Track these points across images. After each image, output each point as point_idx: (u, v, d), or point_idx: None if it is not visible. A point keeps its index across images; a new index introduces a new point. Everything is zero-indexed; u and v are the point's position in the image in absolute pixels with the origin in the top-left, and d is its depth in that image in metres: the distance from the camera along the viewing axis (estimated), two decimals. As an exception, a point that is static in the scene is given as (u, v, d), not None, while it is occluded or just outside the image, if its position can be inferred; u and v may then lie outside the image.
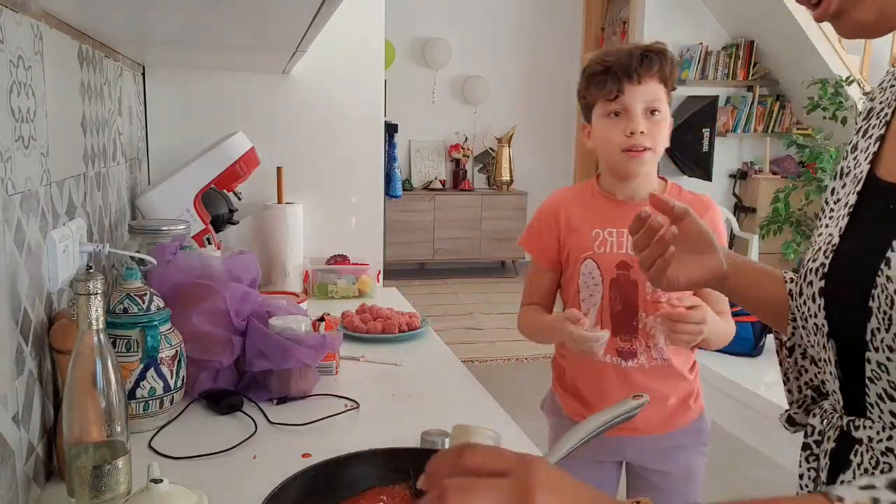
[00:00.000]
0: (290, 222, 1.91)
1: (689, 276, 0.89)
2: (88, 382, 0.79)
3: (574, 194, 1.47)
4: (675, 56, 1.32)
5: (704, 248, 0.90)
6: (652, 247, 0.88)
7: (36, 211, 0.91)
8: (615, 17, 6.77)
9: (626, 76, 1.30)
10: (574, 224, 1.38)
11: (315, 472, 0.81)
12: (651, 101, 1.32)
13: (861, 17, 0.60)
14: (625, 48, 1.33)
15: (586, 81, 1.37)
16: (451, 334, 4.64)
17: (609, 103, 1.34)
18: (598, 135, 1.38)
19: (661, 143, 1.35)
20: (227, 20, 1.11)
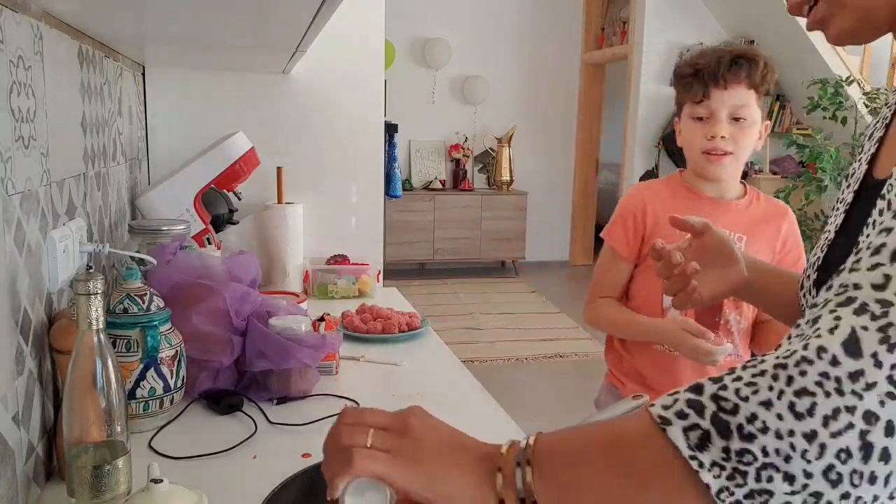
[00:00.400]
0: (290, 222, 1.91)
1: (711, 291, 0.92)
2: (88, 382, 0.79)
3: (660, 190, 1.48)
4: (768, 60, 1.34)
5: (726, 259, 0.93)
6: (674, 279, 0.92)
7: (36, 211, 0.91)
8: (615, 17, 6.77)
9: (712, 81, 1.32)
10: (661, 220, 1.39)
11: (315, 472, 0.81)
12: (736, 107, 1.34)
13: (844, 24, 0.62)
14: (715, 52, 1.35)
15: (676, 82, 1.40)
16: (451, 334, 4.64)
17: (695, 106, 1.36)
18: (684, 135, 1.41)
19: (745, 148, 1.36)
20: (227, 20, 1.11)
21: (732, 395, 0.46)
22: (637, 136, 6.19)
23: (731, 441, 0.45)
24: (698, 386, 0.49)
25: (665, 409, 0.48)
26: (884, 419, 0.42)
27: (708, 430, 0.46)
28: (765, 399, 0.45)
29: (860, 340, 0.44)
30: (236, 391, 1.20)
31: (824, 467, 0.43)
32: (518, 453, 0.53)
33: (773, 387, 0.45)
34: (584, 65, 6.96)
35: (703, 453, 0.46)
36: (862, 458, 0.42)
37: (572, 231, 7.26)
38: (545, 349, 4.49)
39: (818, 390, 0.44)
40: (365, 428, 0.58)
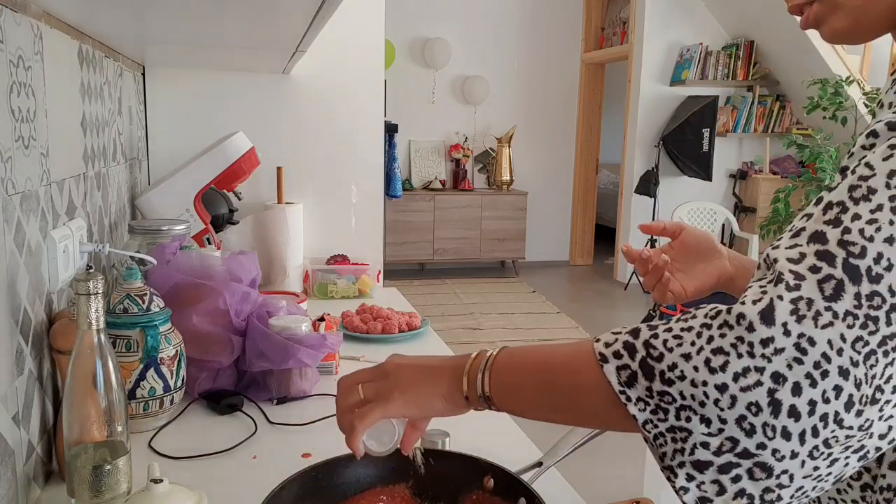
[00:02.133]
0: (290, 222, 1.91)
1: (695, 286, 0.94)
2: (88, 382, 0.79)
3: None
4: None
5: (708, 254, 0.95)
6: (649, 274, 0.95)
7: (36, 211, 0.91)
8: (615, 17, 6.78)
9: None
10: None
11: (315, 472, 0.81)
12: None
13: (837, 25, 0.63)
14: None
15: None
16: (451, 334, 4.64)
17: None
18: None
19: None
20: (227, 20, 1.11)
21: (660, 345, 0.52)
22: (637, 136, 6.20)
23: (654, 383, 0.52)
24: (636, 330, 0.55)
25: (606, 346, 0.55)
26: (791, 380, 0.47)
27: (636, 371, 0.53)
28: (686, 352, 0.51)
29: (774, 310, 0.48)
30: (236, 391, 1.20)
31: (737, 416, 0.48)
32: (483, 361, 0.65)
33: (695, 342, 0.51)
34: (584, 65, 6.96)
35: (630, 389, 0.53)
36: (771, 412, 0.47)
37: (572, 231, 7.27)
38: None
39: (732, 351, 0.49)
40: (355, 386, 0.70)
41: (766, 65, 5.99)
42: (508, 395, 0.63)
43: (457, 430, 0.97)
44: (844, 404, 0.47)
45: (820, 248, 0.49)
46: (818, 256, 0.49)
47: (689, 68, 5.93)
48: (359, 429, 0.67)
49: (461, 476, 0.83)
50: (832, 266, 0.48)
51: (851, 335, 0.47)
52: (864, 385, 0.47)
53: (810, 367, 0.47)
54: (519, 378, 0.63)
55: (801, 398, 0.47)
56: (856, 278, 0.47)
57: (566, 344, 0.62)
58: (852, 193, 0.49)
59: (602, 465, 2.85)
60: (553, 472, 0.93)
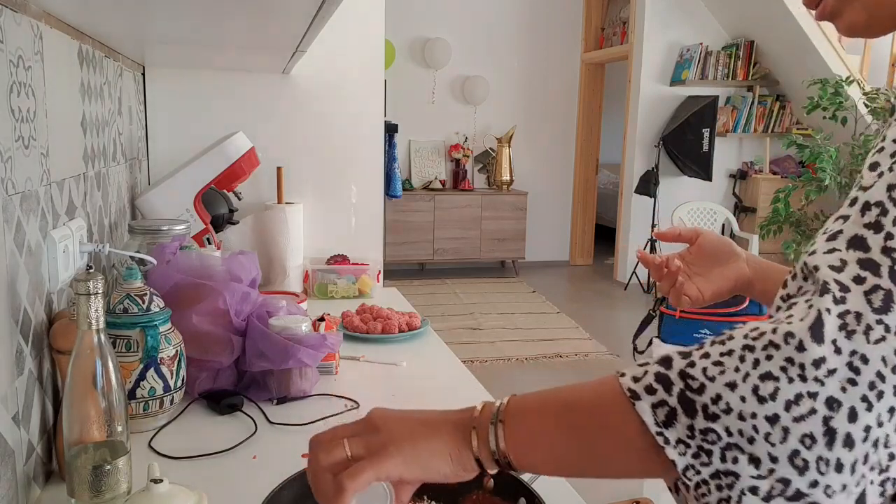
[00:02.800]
0: (290, 222, 1.91)
1: (713, 290, 0.94)
2: (88, 382, 0.79)
3: None
4: None
5: (726, 258, 0.95)
6: (664, 279, 0.95)
7: (36, 211, 0.91)
8: (615, 17, 6.78)
9: None
10: None
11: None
12: None
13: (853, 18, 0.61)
14: None
15: None
16: (451, 334, 4.64)
17: None
18: None
19: None
20: (227, 20, 1.11)
21: (699, 374, 0.46)
22: (637, 136, 6.20)
23: (696, 419, 0.46)
24: (667, 359, 0.49)
25: (635, 381, 0.49)
26: (846, 405, 0.42)
27: (675, 408, 0.47)
28: (730, 380, 0.45)
29: (823, 325, 0.43)
30: (236, 391, 1.20)
31: (789, 452, 0.43)
32: (492, 414, 0.56)
33: (739, 368, 0.45)
34: (584, 65, 6.96)
35: (669, 430, 0.47)
36: (826, 443, 0.43)
37: (572, 231, 7.27)
38: (545, 349, 4.49)
39: (782, 375, 0.44)
40: (339, 441, 0.58)
41: (766, 65, 5.99)
42: (528, 447, 0.54)
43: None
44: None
45: (862, 257, 0.45)
46: (861, 265, 0.45)
47: (689, 68, 5.93)
48: (349, 490, 0.55)
49: (461, 476, 0.83)
50: (877, 276, 0.44)
51: None
52: None
53: (865, 389, 0.42)
54: (539, 426, 0.54)
55: (856, 424, 0.42)
56: None
57: (586, 383, 0.54)
58: (891, 193, 0.45)
59: (602, 465, 2.85)
60: (553, 472, 0.93)
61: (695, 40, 6.00)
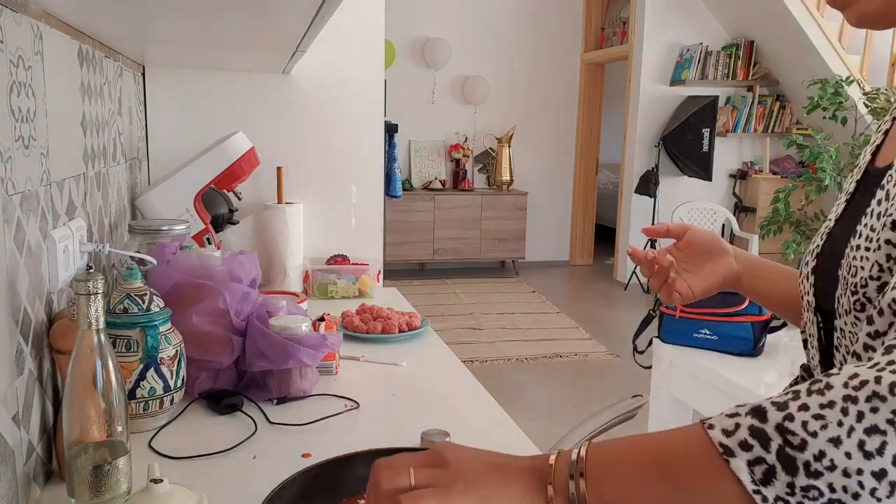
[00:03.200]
0: (290, 222, 1.91)
1: (702, 286, 0.94)
2: (88, 382, 0.79)
3: None
4: None
5: (715, 253, 0.95)
6: (655, 275, 0.94)
7: (36, 211, 0.91)
8: (615, 17, 6.78)
9: None
10: None
11: (315, 472, 0.81)
12: None
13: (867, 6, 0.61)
14: None
15: None
16: (451, 334, 4.64)
17: None
18: None
19: None
20: (227, 20, 1.11)
21: (800, 429, 0.44)
22: (637, 136, 6.20)
23: (798, 477, 0.43)
24: (761, 411, 0.46)
25: (726, 435, 0.46)
26: None
27: (773, 466, 0.44)
28: (834, 436, 0.43)
29: None
30: (236, 391, 1.20)
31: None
32: (570, 465, 0.52)
33: (843, 422, 0.43)
34: (584, 65, 6.96)
35: (767, 488, 0.44)
36: None
37: (572, 231, 7.27)
38: (545, 349, 4.49)
39: (889, 429, 0.42)
40: (404, 469, 0.55)
41: (766, 65, 5.99)
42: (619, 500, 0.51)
43: (457, 431, 0.97)
44: None
45: None
46: None
47: (689, 68, 5.93)
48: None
49: (461, 476, 0.83)
50: None
51: None
52: None
53: None
54: (632, 479, 0.50)
55: None
56: None
57: (667, 433, 0.51)
58: None
59: (602, 465, 2.85)
60: (553, 472, 0.93)
61: (695, 40, 6.00)
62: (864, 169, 0.73)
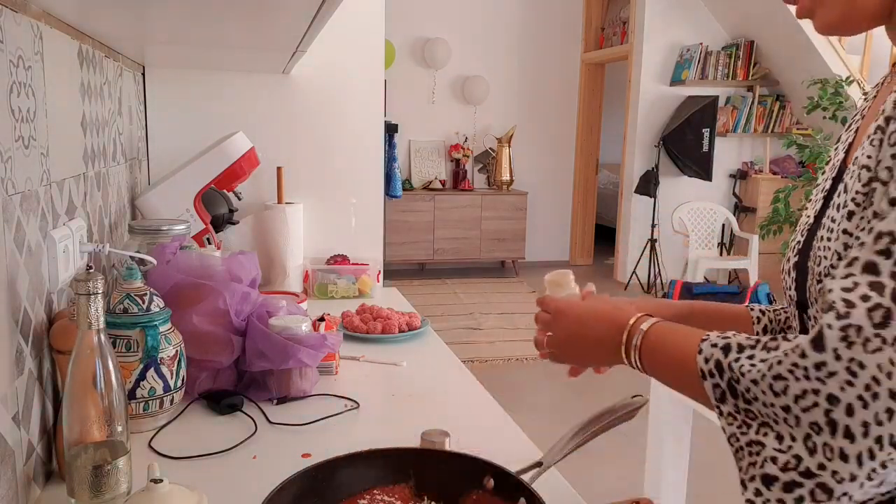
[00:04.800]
0: (290, 222, 1.91)
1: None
2: (88, 382, 0.79)
3: None
4: None
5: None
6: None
7: (36, 211, 0.91)
8: (615, 17, 6.78)
9: None
10: None
11: (315, 472, 0.81)
12: None
13: (827, 17, 0.66)
14: None
15: None
16: (451, 334, 4.64)
17: None
18: None
19: None
20: (226, 20, 1.11)
21: (737, 369, 0.59)
22: (637, 136, 6.20)
23: (739, 401, 0.59)
24: (728, 348, 0.61)
25: (705, 362, 0.63)
26: (844, 402, 0.51)
27: (725, 391, 0.60)
28: (755, 378, 0.57)
29: (824, 337, 0.52)
30: (236, 391, 1.20)
31: (803, 435, 0.53)
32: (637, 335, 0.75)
33: (761, 370, 0.57)
34: (584, 65, 6.96)
35: (722, 405, 0.61)
36: (830, 433, 0.51)
37: (572, 231, 7.27)
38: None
39: (790, 375, 0.54)
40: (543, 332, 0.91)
41: (766, 65, 5.99)
42: (651, 372, 0.75)
43: (457, 431, 0.97)
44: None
45: (873, 280, 0.52)
46: (870, 287, 0.52)
47: (689, 68, 5.93)
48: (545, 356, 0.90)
49: (461, 476, 0.83)
50: (881, 295, 0.51)
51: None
52: None
53: (861, 390, 0.50)
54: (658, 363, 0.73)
55: (854, 419, 0.50)
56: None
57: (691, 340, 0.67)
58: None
59: (602, 465, 2.85)
60: (553, 472, 0.93)
61: (695, 40, 6.00)
62: (838, 167, 0.75)
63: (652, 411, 2.16)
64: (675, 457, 2.11)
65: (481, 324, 4.99)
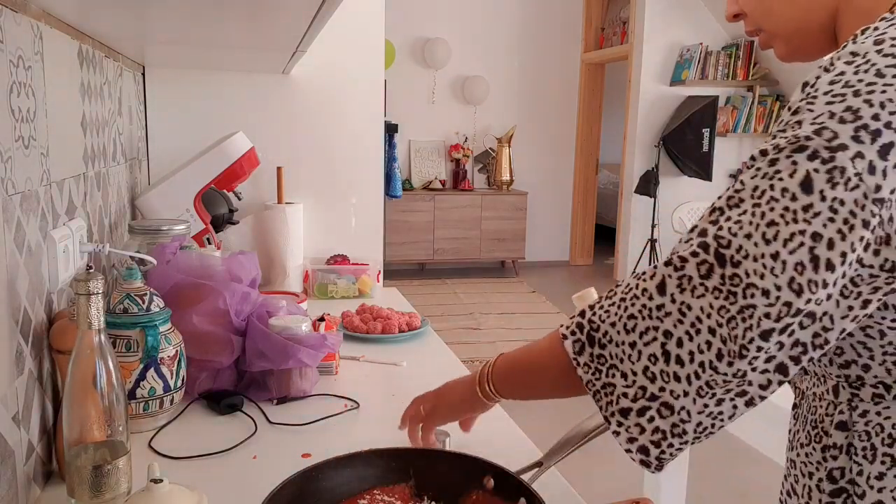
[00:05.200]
0: (290, 222, 1.91)
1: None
2: (88, 382, 0.79)
3: None
4: None
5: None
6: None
7: (36, 211, 0.91)
8: (615, 17, 6.78)
9: None
10: None
11: (315, 471, 0.81)
12: None
13: (781, 50, 0.77)
14: None
15: None
16: (451, 334, 4.64)
17: None
18: None
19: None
20: (226, 20, 1.11)
21: (596, 318, 0.69)
22: (637, 136, 6.20)
23: (594, 348, 0.69)
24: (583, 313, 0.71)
25: (566, 327, 0.72)
26: (675, 336, 0.63)
27: (583, 342, 0.70)
28: (613, 320, 0.67)
29: (665, 285, 0.63)
30: (236, 391, 1.20)
31: (643, 367, 0.65)
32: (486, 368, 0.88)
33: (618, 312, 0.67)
34: (584, 65, 6.96)
35: (580, 356, 0.70)
36: (664, 361, 0.63)
37: (572, 231, 7.27)
38: (545, 349, 4.48)
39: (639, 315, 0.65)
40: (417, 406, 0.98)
41: (765, 65, 5.99)
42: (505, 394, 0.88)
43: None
44: (715, 355, 0.61)
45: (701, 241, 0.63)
46: (699, 246, 0.62)
47: (689, 68, 5.93)
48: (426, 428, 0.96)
49: (461, 476, 0.83)
50: (707, 253, 0.62)
51: (717, 304, 0.60)
52: (728, 342, 0.60)
53: (688, 327, 0.62)
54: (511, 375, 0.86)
55: (683, 349, 0.62)
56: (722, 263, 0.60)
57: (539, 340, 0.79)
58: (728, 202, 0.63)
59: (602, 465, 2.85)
60: (553, 472, 0.93)
61: (695, 40, 6.00)
62: None
63: (652, 411, 2.16)
64: (675, 457, 2.11)
65: (481, 324, 4.99)
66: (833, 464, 0.69)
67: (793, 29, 0.74)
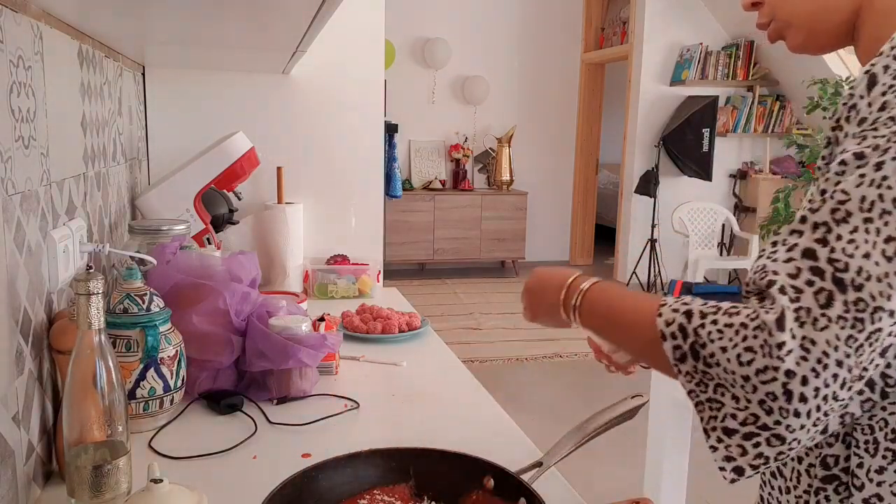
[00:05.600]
0: (290, 222, 1.91)
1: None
2: (88, 382, 0.79)
3: None
4: None
5: None
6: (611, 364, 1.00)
7: (36, 211, 0.91)
8: (615, 17, 6.78)
9: None
10: None
11: (315, 471, 0.81)
12: None
13: (794, 40, 0.75)
14: None
15: None
16: (451, 334, 4.64)
17: None
18: None
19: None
20: (227, 20, 1.11)
21: (705, 335, 0.63)
22: (637, 136, 6.20)
23: (699, 363, 0.64)
24: (690, 313, 0.65)
25: (667, 325, 0.66)
26: (799, 374, 0.58)
27: (686, 352, 0.65)
28: (724, 346, 0.61)
29: (784, 319, 0.58)
30: (236, 391, 1.20)
31: (759, 400, 0.60)
32: (576, 293, 0.81)
33: (733, 339, 0.61)
34: (584, 65, 6.96)
35: (681, 364, 0.65)
36: (785, 399, 0.58)
37: (572, 231, 7.27)
38: (545, 349, 4.49)
39: (759, 350, 0.59)
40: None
41: (766, 65, 5.99)
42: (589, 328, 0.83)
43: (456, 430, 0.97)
44: (840, 385, 0.58)
45: (812, 265, 0.59)
46: (812, 272, 0.58)
47: (689, 68, 5.93)
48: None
49: (461, 476, 0.83)
50: (823, 280, 0.58)
51: (844, 334, 0.57)
52: (854, 369, 0.58)
53: (814, 363, 0.57)
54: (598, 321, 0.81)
55: (808, 387, 0.58)
56: (843, 289, 0.57)
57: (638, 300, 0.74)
58: (834, 216, 0.59)
59: (602, 465, 2.85)
60: (553, 472, 0.93)
61: (695, 40, 6.00)
62: None
63: (652, 411, 2.16)
64: (675, 457, 2.11)
65: (481, 324, 4.99)
66: (828, 450, 0.70)
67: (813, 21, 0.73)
